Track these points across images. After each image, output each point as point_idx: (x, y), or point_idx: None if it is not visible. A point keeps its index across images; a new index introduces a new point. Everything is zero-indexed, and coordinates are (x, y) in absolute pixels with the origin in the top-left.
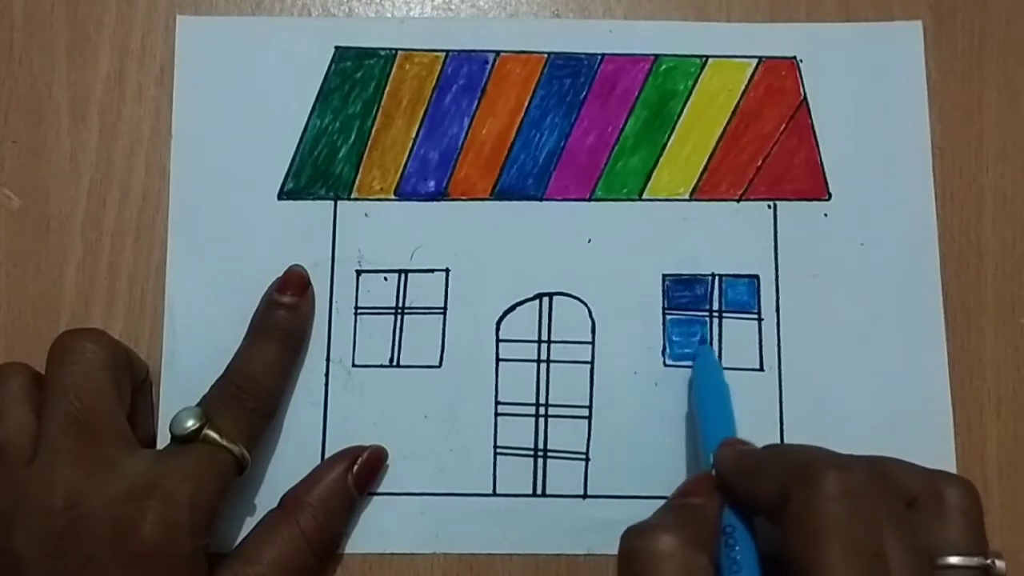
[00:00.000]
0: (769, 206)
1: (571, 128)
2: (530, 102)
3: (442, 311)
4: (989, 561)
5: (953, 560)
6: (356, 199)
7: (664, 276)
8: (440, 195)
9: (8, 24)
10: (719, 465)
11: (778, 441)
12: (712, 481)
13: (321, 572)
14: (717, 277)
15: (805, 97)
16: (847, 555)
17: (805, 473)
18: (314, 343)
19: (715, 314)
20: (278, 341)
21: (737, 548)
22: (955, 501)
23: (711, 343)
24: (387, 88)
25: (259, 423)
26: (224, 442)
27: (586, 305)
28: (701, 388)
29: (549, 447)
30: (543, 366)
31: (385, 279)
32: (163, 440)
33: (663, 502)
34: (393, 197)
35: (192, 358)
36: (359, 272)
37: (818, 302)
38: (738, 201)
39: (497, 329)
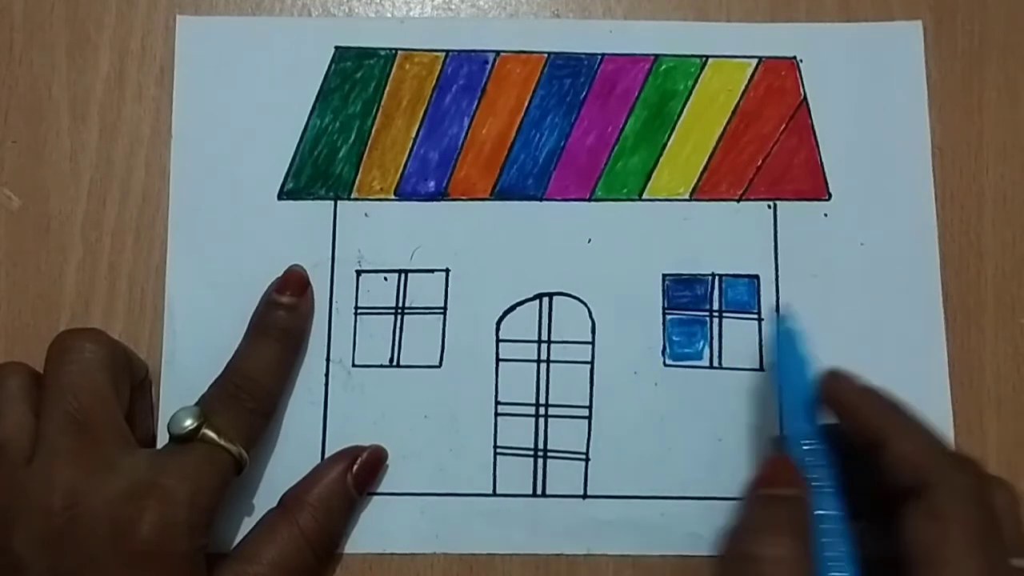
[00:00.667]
0: (769, 206)
1: (571, 128)
2: (530, 102)
3: (442, 311)
4: None
5: (1017, 563)
6: (356, 199)
7: (664, 276)
8: (440, 195)
9: (8, 24)
10: (837, 396)
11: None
12: (794, 466)
13: (321, 572)
14: (717, 277)
15: (805, 97)
16: (978, 563)
17: (951, 469)
18: (314, 343)
19: (715, 314)
20: (277, 341)
21: (835, 546)
22: (1005, 505)
23: (711, 343)
24: (387, 88)
25: (258, 423)
26: (222, 442)
27: (586, 305)
28: (781, 351)
29: (549, 447)
30: (543, 366)
31: (385, 279)
32: (162, 440)
33: (674, 502)
34: (393, 197)
35: (192, 358)
36: (359, 272)
37: (818, 302)
38: (738, 201)
39: (497, 329)
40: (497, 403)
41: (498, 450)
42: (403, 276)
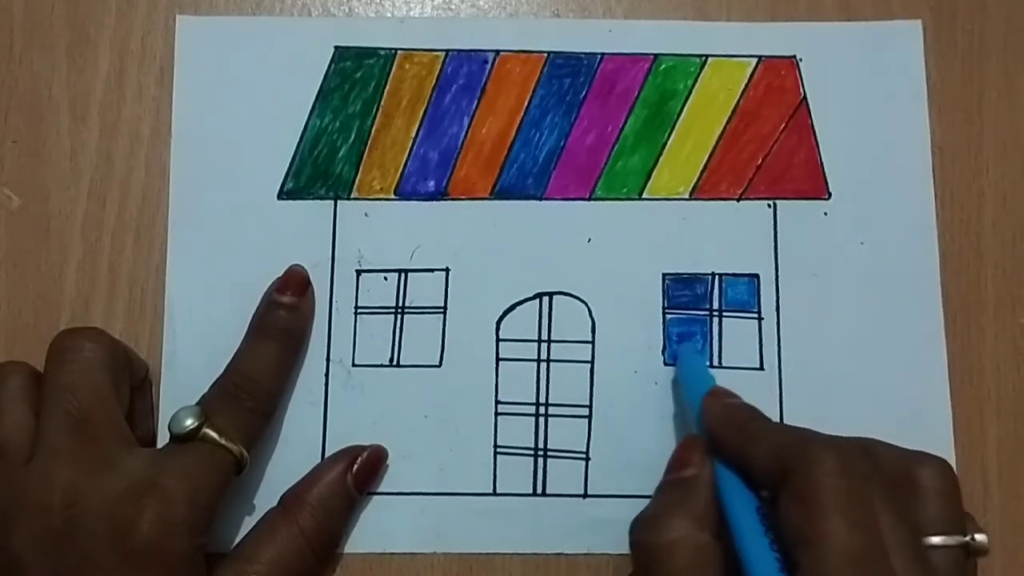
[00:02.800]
0: (769, 205)
1: (571, 128)
2: (530, 101)
3: (442, 311)
4: (968, 538)
5: (935, 540)
6: (356, 199)
7: (664, 275)
8: (440, 195)
9: (8, 24)
10: (707, 415)
11: None
12: (701, 445)
13: (321, 572)
14: (717, 276)
15: (805, 96)
16: (849, 529)
17: (805, 449)
18: (314, 343)
19: (715, 313)
20: (278, 341)
21: (738, 522)
22: (930, 482)
23: (711, 343)
24: (387, 88)
25: (258, 423)
26: (223, 441)
27: (586, 305)
28: (684, 367)
29: (549, 447)
30: (543, 366)
31: (385, 279)
32: (163, 439)
33: None
34: (393, 197)
35: (192, 358)
36: (359, 272)
37: (818, 301)
38: (738, 200)
39: (497, 329)
40: (497, 403)
41: (498, 450)
42: (403, 276)
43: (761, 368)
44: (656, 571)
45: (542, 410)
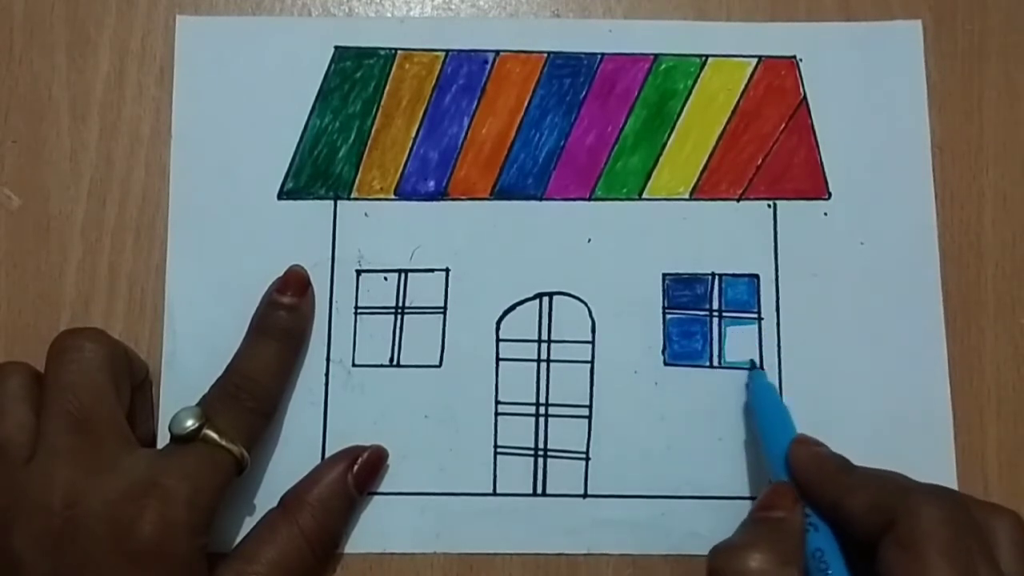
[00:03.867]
0: (769, 205)
1: (571, 128)
2: (530, 102)
3: (442, 311)
4: None
5: None
6: (356, 199)
7: (664, 275)
8: (440, 195)
9: (8, 24)
10: (796, 464)
11: None
12: (793, 493)
13: (321, 572)
14: (717, 276)
15: (805, 97)
16: None
17: (908, 498)
18: (314, 343)
19: (715, 313)
20: (278, 341)
21: (831, 572)
22: (1007, 532)
23: (711, 342)
24: (387, 88)
25: (259, 423)
26: (223, 442)
27: (586, 305)
28: (760, 404)
29: (549, 447)
30: (543, 366)
31: (385, 279)
32: (163, 440)
33: (674, 502)
34: (393, 197)
35: (192, 358)
36: (359, 272)
37: (818, 302)
38: (738, 200)
39: (497, 329)
40: (497, 403)
41: (498, 449)
42: (403, 276)
43: (761, 368)
44: None
45: (542, 410)
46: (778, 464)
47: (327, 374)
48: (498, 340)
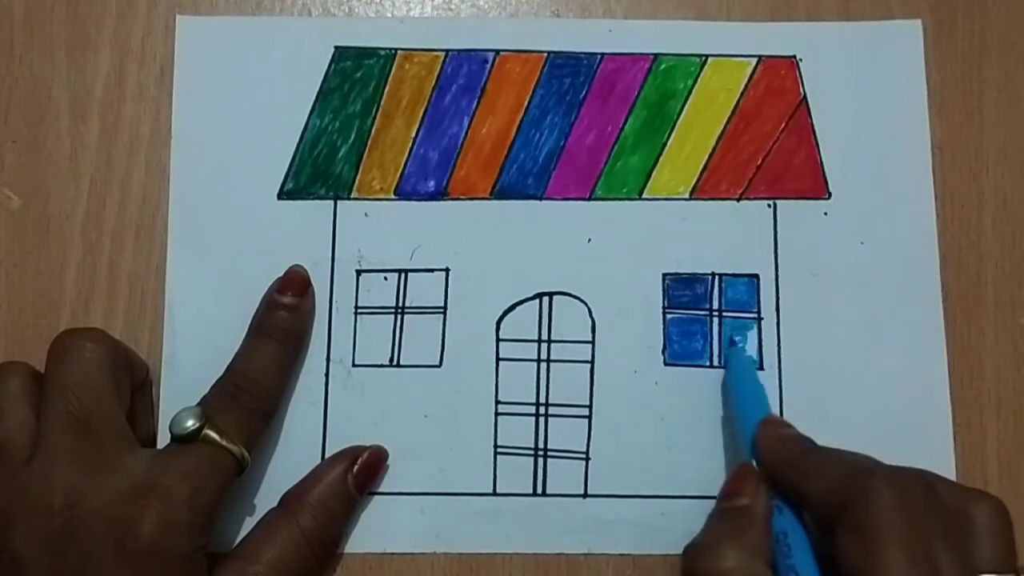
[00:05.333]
0: (769, 205)
1: (571, 127)
2: (530, 101)
3: (442, 311)
4: None
5: None
6: (356, 199)
7: (664, 275)
8: (440, 195)
9: (8, 24)
10: (761, 446)
11: None
12: (756, 475)
13: (321, 572)
14: (717, 276)
15: (805, 96)
16: (908, 564)
17: (863, 482)
18: (314, 343)
19: (715, 313)
20: (278, 341)
21: (793, 555)
22: (986, 520)
23: (711, 342)
24: (387, 88)
25: (259, 423)
26: (224, 442)
27: (586, 304)
28: (736, 381)
29: (549, 447)
30: (543, 366)
31: (385, 279)
32: (163, 440)
33: (674, 502)
34: (393, 197)
35: (192, 358)
36: (359, 272)
37: (818, 301)
38: (738, 200)
39: (497, 329)
40: (497, 403)
41: (498, 449)
42: (403, 276)
43: (761, 368)
44: None
45: (542, 410)
46: (749, 445)
47: (327, 374)
48: (498, 340)
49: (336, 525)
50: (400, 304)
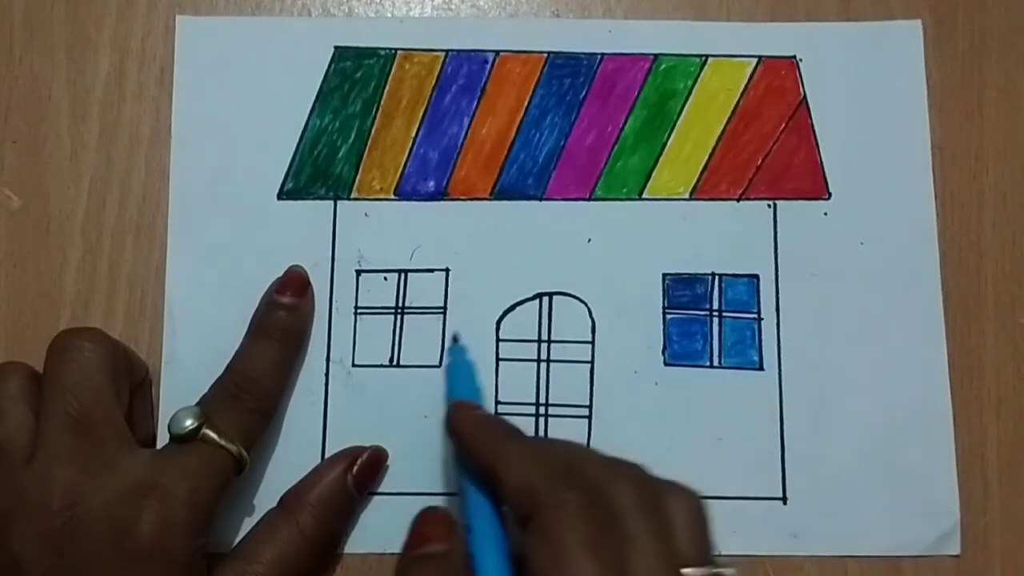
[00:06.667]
0: (769, 205)
1: (571, 128)
2: (530, 102)
3: (442, 311)
4: (718, 571)
5: (688, 572)
6: (356, 199)
7: (664, 275)
8: (440, 195)
9: (8, 24)
10: (459, 428)
11: (778, 441)
12: (443, 521)
13: (320, 572)
14: (717, 276)
15: (805, 96)
16: (597, 571)
17: (551, 488)
18: (314, 343)
19: (715, 313)
20: (278, 341)
21: (474, 537)
22: (681, 514)
23: (711, 342)
24: (387, 88)
25: (258, 423)
26: (223, 442)
27: (586, 305)
28: (453, 380)
29: None
30: (543, 366)
31: (385, 279)
32: (163, 440)
33: None
34: (393, 197)
35: (192, 358)
36: (359, 272)
37: (818, 301)
38: (738, 200)
39: (497, 329)
40: (497, 403)
41: None
42: (403, 276)
43: (761, 368)
44: None
45: (542, 410)
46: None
47: (327, 374)
48: (498, 340)
49: (336, 525)
50: (400, 304)
